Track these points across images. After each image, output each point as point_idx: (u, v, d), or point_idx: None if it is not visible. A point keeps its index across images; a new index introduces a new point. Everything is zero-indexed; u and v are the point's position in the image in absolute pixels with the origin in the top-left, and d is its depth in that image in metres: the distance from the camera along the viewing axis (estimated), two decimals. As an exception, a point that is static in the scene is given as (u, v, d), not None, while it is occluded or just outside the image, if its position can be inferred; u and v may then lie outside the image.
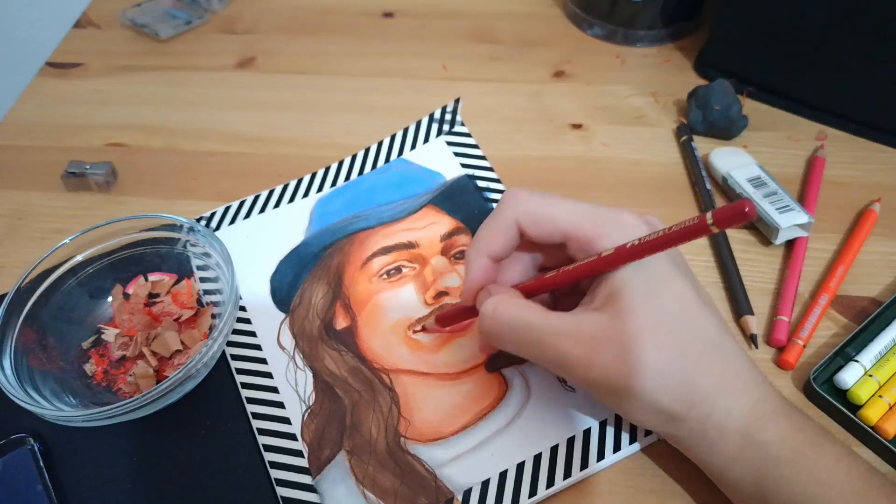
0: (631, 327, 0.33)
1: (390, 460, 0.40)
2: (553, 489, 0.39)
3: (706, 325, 0.34)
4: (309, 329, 0.47)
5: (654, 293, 0.34)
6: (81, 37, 0.74)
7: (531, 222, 0.38)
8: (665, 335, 0.33)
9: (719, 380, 0.34)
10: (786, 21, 0.57)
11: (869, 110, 0.57)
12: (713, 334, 0.34)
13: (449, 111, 0.62)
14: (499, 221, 0.39)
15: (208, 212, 0.55)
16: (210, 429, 0.43)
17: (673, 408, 0.34)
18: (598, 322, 0.34)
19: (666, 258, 0.35)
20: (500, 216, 0.39)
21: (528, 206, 0.38)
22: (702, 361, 0.34)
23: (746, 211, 0.27)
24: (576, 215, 0.37)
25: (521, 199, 0.38)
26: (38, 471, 0.41)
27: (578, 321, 0.35)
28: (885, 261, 0.50)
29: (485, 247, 0.39)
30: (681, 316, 0.34)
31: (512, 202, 0.38)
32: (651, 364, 0.33)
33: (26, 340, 0.44)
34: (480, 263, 0.39)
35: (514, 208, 0.38)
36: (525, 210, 0.38)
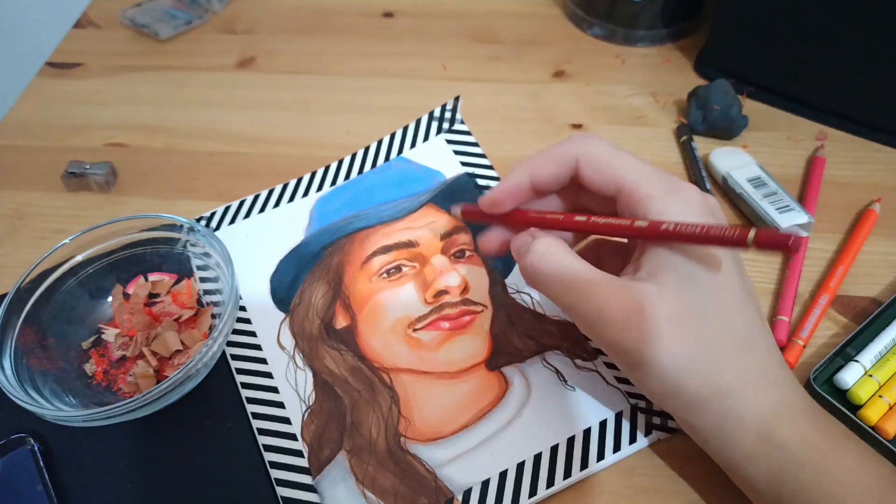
0: (667, 308, 0.33)
1: (390, 460, 0.41)
2: (553, 489, 0.39)
3: (741, 318, 0.34)
4: (309, 328, 0.47)
5: (696, 277, 0.33)
6: (81, 37, 0.74)
7: (592, 164, 0.37)
8: (697, 322, 0.33)
9: (744, 375, 0.34)
10: (786, 21, 0.57)
11: (869, 110, 0.57)
12: (746, 329, 0.34)
13: (449, 109, 0.62)
14: (559, 151, 0.38)
15: (208, 212, 0.55)
16: (210, 429, 0.43)
17: (693, 395, 0.34)
18: (644, 292, 0.34)
19: None
20: (561, 147, 0.38)
21: (594, 147, 0.37)
22: (728, 355, 0.34)
23: (790, 244, 0.27)
24: (637, 171, 0.36)
25: (590, 140, 0.37)
26: (38, 471, 0.41)
27: (626, 284, 0.34)
28: (885, 261, 0.50)
29: (533, 167, 0.38)
30: (716, 306, 0.34)
31: (580, 140, 0.38)
32: (678, 348, 0.33)
33: (26, 340, 0.44)
34: (521, 178, 0.38)
35: (579, 145, 0.37)
36: (590, 151, 0.37)
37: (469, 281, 0.49)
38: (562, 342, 0.45)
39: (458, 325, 0.46)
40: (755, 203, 0.51)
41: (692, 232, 0.32)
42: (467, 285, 0.49)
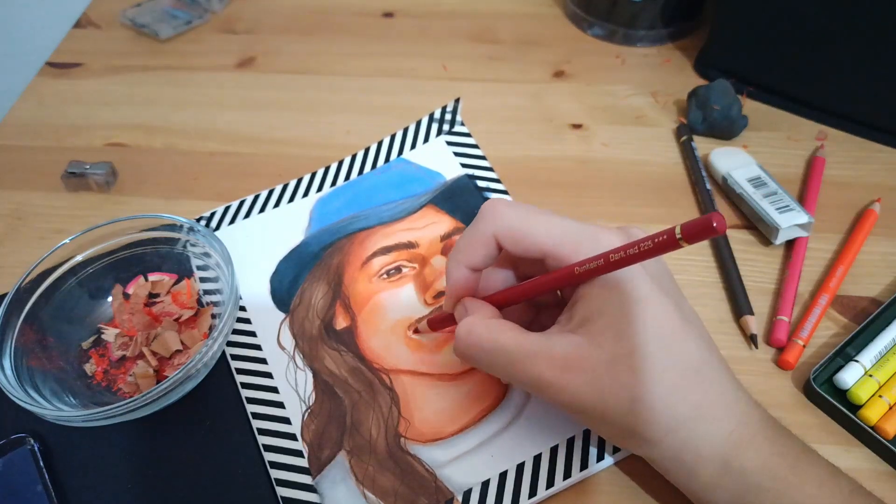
0: (604, 353, 0.33)
1: (390, 460, 0.41)
2: (553, 489, 0.39)
3: (685, 349, 0.33)
4: (309, 329, 0.47)
5: (631, 317, 0.33)
6: (81, 37, 0.73)
7: (509, 238, 0.37)
8: (639, 362, 0.32)
9: (696, 406, 0.33)
10: (786, 21, 0.57)
11: (869, 110, 0.57)
12: (693, 359, 0.33)
13: (449, 111, 0.62)
14: (477, 235, 0.38)
15: (208, 212, 0.55)
16: (210, 429, 0.43)
17: (646, 433, 0.33)
18: (571, 344, 0.34)
19: (645, 276, 0.34)
20: (478, 229, 0.37)
21: (507, 220, 0.37)
22: (678, 388, 0.33)
23: (715, 226, 0.26)
24: (553, 233, 0.36)
25: (499, 212, 0.37)
26: (38, 471, 0.41)
27: (551, 343, 0.34)
28: (885, 261, 0.50)
29: (463, 258, 0.38)
30: (658, 341, 0.32)
31: (490, 216, 0.37)
32: (623, 391, 0.32)
33: (26, 340, 0.44)
34: (460, 273, 0.39)
35: (492, 223, 0.37)
36: (503, 225, 0.37)
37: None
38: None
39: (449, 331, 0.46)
40: (755, 203, 0.51)
41: (620, 258, 0.31)
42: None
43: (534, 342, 0.35)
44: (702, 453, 0.33)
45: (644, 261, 0.31)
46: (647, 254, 0.30)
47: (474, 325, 0.37)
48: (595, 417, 0.34)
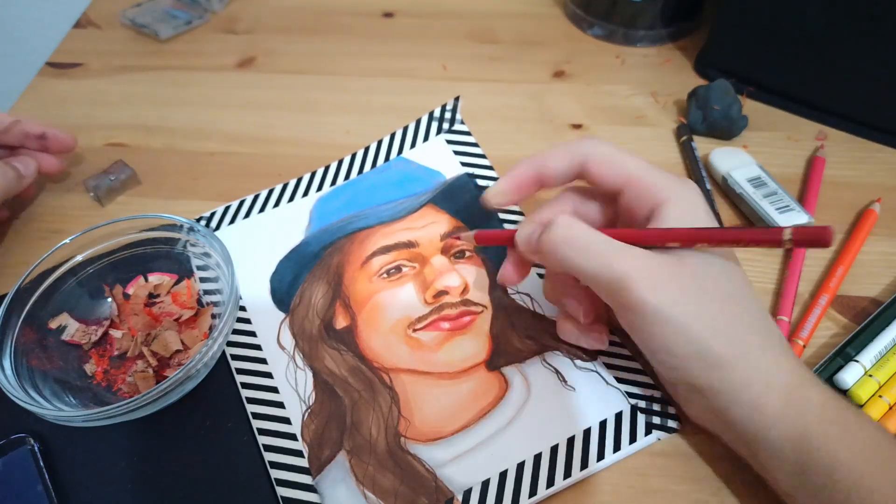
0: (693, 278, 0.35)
1: (390, 460, 0.41)
2: (553, 489, 0.39)
3: (748, 297, 0.36)
4: (309, 328, 0.47)
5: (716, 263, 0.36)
6: (81, 37, 0.74)
7: (600, 159, 0.39)
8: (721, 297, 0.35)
9: (766, 337, 0.35)
10: (786, 21, 0.57)
11: (869, 110, 0.57)
12: (760, 311, 0.36)
13: (449, 109, 0.62)
14: (568, 149, 0.40)
15: (208, 212, 0.55)
16: (210, 429, 0.43)
17: (723, 352, 0.34)
18: (671, 261, 0.35)
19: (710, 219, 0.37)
20: (571, 145, 0.40)
21: (603, 147, 0.39)
22: (750, 320, 0.35)
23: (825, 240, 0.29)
24: (644, 165, 0.38)
25: (597, 141, 0.40)
26: (38, 471, 0.41)
27: (652, 253, 0.36)
28: (885, 261, 0.50)
29: (541, 161, 0.40)
30: (735, 289, 0.36)
31: (587, 141, 0.40)
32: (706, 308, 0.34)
33: (26, 340, 0.44)
34: (525, 171, 0.40)
35: (587, 145, 0.39)
36: (599, 150, 0.39)
37: (469, 281, 0.49)
38: (561, 342, 0.45)
39: (458, 326, 0.46)
40: (755, 203, 0.51)
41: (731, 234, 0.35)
42: (467, 286, 0.49)
43: (626, 246, 0.36)
44: (772, 380, 0.34)
45: None
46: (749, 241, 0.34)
47: (573, 224, 0.37)
48: (673, 331, 0.35)
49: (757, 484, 0.38)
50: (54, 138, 0.55)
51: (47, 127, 0.55)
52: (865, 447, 0.32)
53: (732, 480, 0.40)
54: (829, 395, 0.34)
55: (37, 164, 0.54)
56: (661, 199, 0.37)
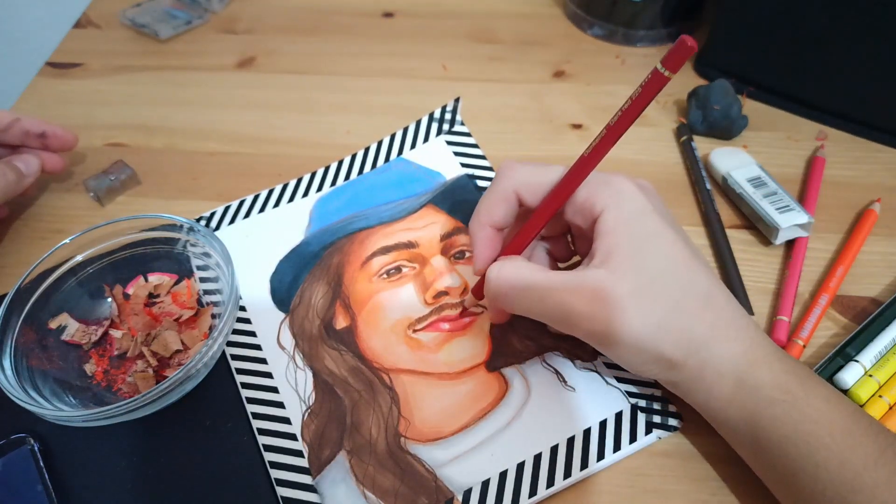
0: (627, 284, 0.35)
1: (390, 460, 0.41)
2: (553, 489, 0.39)
3: (696, 278, 0.36)
4: (309, 329, 0.47)
5: (646, 251, 0.36)
6: (81, 37, 0.74)
7: (528, 191, 0.40)
8: (660, 290, 0.36)
9: (712, 328, 0.36)
10: (786, 21, 0.57)
11: (869, 110, 0.57)
12: (704, 286, 0.36)
13: (449, 110, 0.62)
14: (497, 192, 0.41)
15: (208, 212, 0.55)
16: (210, 429, 0.43)
17: (672, 356, 0.36)
18: (597, 277, 0.36)
19: (654, 214, 0.37)
20: (498, 187, 0.41)
21: (524, 175, 0.40)
22: (695, 312, 0.36)
23: (689, 45, 0.30)
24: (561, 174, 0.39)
25: (516, 169, 0.41)
26: (39, 471, 0.41)
27: (581, 277, 0.36)
28: (885, 261, 0.50)
29: (486, 218, 0.41)
30: (672, 272, 0.36)
31: (509, 173, 0.41)
32: (646, 317, 0.35)
33: (26, 340, 0.44)
34: (484, 234, 0.41)
35: (511, 178, 0.40)
36: (522, 179, 0.40)
37: (469, 282, 0.49)
38: (561, 343, 0.45)
39: (457, 327, 0.46)
40: (755, 203, 0.51)
41: (619, 117, 0.36)
42: (467, 286, 0.49)
43: (563, 277, 0.37)
44: (720, 371, 0.36)
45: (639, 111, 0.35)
46: (639, 103, 0.35)
47: (503, 267, 0.39)
48: (624, 345, 0.36)
49: (757, 484, 0.38)
50: (55, 136, 0.55)
51: (48, 124, 0.55)
52: (813, 422, 0.34)
53: (732, 480, 0.40)
54: (780, 371, 0.35)
55: (39, 162, 0.54)
56: (595, 212, 0.38)
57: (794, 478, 0.34)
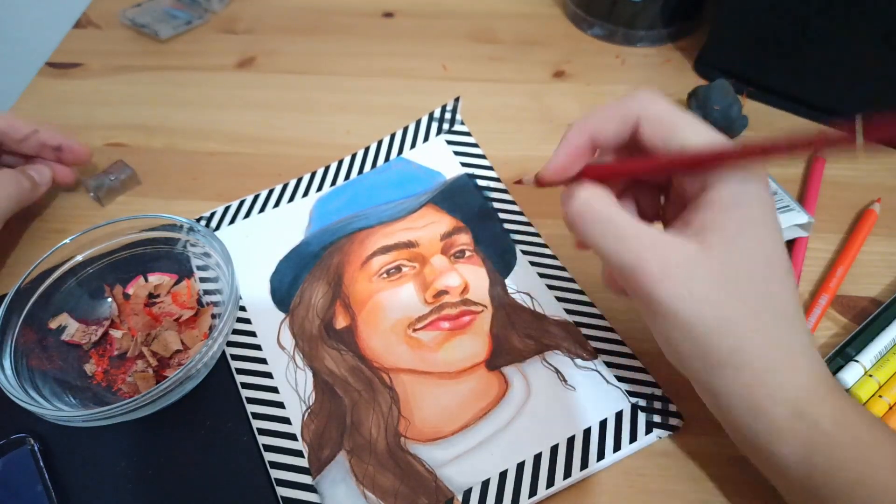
0: (708, 268, 0.32)
1: (390, 460, 0.41)
2: (553, 489, 0.39)
3: (783, 291, 0.33)
4: (309, 329, 0.47)
5: (749, 245, 0.33)
6: (81, 37, 0.74)
7: (655, 123, 0.35)
8: (737, 287, 0.32)
9: (779, 348, 0.33)
10: (786, 21, 0.57)
11: (869, 110, 0.57)
12: (787, 305, 0.33)
13: (448, 110, 0.62)
14: (620, 107, 0.36)
15: (208, 212, 0.55)
16: (210, 429, 0.43)
17: (723, 358, 0.33)
18: (684, 245, 0.33)
19: (769, 201, 0.33)
20: (624, 104, 0.36)
21: (659, 105, 0.35)
22: (767, 325, 0.33)
23: None
24: (701, 135, 0.34)
25: (652, 97, 0.35)
26: (39, 471, 0.41)
27: (668, 239, 0.33)
28: (884, 261, 0.50)
29: (592, 126, 0.36)
30: (760, 275, 0.33)
31: (640, 96, 0.36)
32: (713, 309, 0.32)
33: (26, 340, 0.44)
34: (578, 141, 0.37)
35: (641, 103, 0.35)
36: (655, 109, 0.35)
37: (469, 281, 0.49)
38: (562, 342, 0.45)
39: (458, 326, 0.46)
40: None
41: (771, 146, 0.30)
42: (467, 285, 0.49)
43: (651, 231, 0.34)
44: (778, 395, 0.32)
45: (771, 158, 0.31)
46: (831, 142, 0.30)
47: (595, 194, 0.35)
48: (680, 325, 0.33)
49: (756, 484, 0.38)
50: (70, 150, 0.55)
51: (65, 138, 0.55)
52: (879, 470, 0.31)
53: (732, 480, 0.40)
54: (842, 408, 0.33)
55: (52, 173, 0.55)
56: (712, 178, 0.33)
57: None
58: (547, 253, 0.51)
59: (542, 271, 0.50)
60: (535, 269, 0.50)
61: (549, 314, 0.47)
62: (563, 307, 0.47)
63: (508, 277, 0.49)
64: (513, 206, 0.54)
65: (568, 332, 0.46)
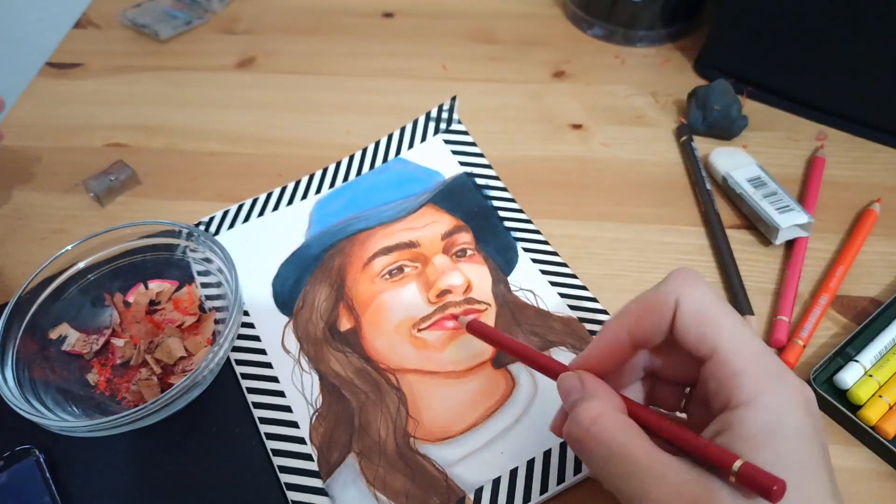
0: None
1: (400, 461, 0.41)
2: (564, 485, 0.39)
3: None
4: (313, 331, 0.47)
5: (796, 491, 0.27)
6: (81, 37, 0.73)
7: (689, 318, 0.31)
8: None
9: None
10: (785, 21, 0.57)
11: (869, 110, 0.58)
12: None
13: (445, 109, 0.62)
14: (658, 294, 0.32)
15: (207, 216, 0.55)
16: (217, 435, 0.43)
17: None
18: (706, 485, 0.28)
19: (810, 438, 0.28)
20: (660, 293, 0.32)
21: (696, 296, 0.31)
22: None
23: (775, 489, 0.25)
24: (740, 339, 0.30)
25: (690, 284, 0.31)
26: (45, 482, 0.40)
27: (686, 477, 0.28)
28: (884, 261, 0.50)
29: (631, 320, 0.32)
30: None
31: (679, 283, 0.31)
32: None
33: (28, 351, 0.44)
34: (617, 336, 0.33)
35: (678, 291, 0.31)
36: (690, 302, 0.31)
37: (472, 280, 0.49)
38: (566, 338, 0.46)
39: None
40: (755, 203, 0.51)
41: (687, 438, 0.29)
42: (470, 284, 0.49)
43: (665, 464, 0.29)
44: None
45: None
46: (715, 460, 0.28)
47: (603, 416, 0.31)
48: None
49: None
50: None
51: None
52: None
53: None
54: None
55: None
56: (741, 399, 0.29)
57: None
58: (548, 250, 0.51)
59: (544, 268, 0.50)
60: (537, 267, 0.50)
61: (552, 311, 0.47)
62: (566, 304, 0.48)
63: (511, 275, 0.50)
64: (513, 204, 0.54)
65: (572, 329, 0.46)
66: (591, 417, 0.31)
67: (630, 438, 0.30)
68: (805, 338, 0.45)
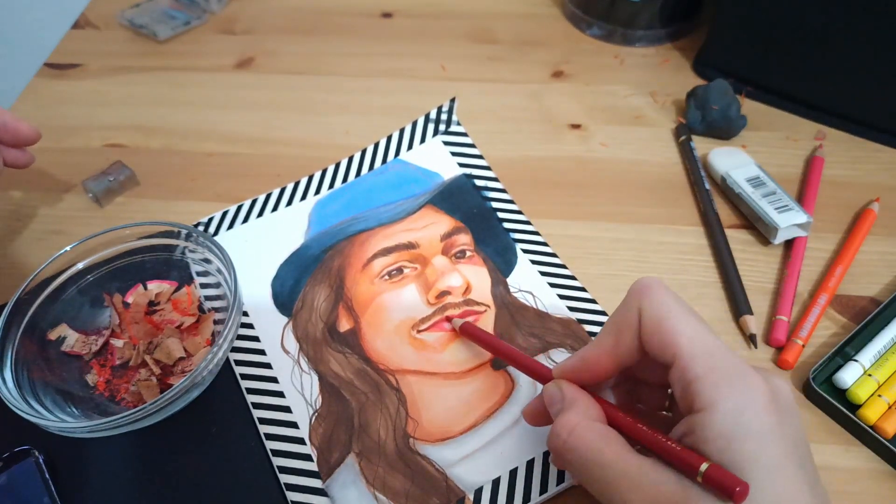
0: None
1: (400, 461, 0.41)
2: (563, 485, 0.40)
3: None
4: (312, 332, 0.47)
5: (755, 486, 0.27)
6: (80, 37, 0.73)
7: (650, 325, 0.32)
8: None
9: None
10: (785, 21, 0.57)
11: (868, 110, 0.58)
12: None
13: (444, 111, 0.62)
14: (625, 316, 0.33)
15: (206, 217, 0.55)
16: (216, 436, 0.43)
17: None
18: (681, 487, 0.29)
19: (781, 439, 0.29)
20: (626, 309, 0.33)
21: (657, 301, 0.32)
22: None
23: (738, 490, 0.26)
24: (698, 343, 0.31)
25: (652, 293, 0.33)
26: (45, 483, 0.40)
27: (660, 477, 0.29)
28: (883, 260, 0.50)
29: (607, 347, 0.34)
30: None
31: (643, 292, 0.33)
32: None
33: (27, 352, 0.43)
34: (598, 362, 0.34)
35: (640, 299, 0.33)
36: (651, 308, 0.32)
37: (471, 281, 0.49)
38: (565, 339, 0.46)
39: None
40: (754, 203, 0.51)
41: (659, 442, 0.30)
42: (469, 286, 0.49)
43: (640, 468, 0.30)
44: None
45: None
46: (682, 464, 0.29)
47: (579, 427, 0.32)
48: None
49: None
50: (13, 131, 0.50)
51: (11, 117, 0.50)
52: None
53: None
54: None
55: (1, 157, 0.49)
56: (701, 403, 0.29)
57: None
58: (547, 251, 0.51)
59: (543, 270, 0.50)
60: (536, 268, 0.50)
61: (551, 312, 0.47)
62: (565, 305, 0.48)
63: (510, 276, 0.50)
64: (512, 206, 0.54)
65: (571, 330, 0.46)
66: (568, 428, 0.32)
67: (606, 445, 0.31)
68: (804, 337, 0.45)
